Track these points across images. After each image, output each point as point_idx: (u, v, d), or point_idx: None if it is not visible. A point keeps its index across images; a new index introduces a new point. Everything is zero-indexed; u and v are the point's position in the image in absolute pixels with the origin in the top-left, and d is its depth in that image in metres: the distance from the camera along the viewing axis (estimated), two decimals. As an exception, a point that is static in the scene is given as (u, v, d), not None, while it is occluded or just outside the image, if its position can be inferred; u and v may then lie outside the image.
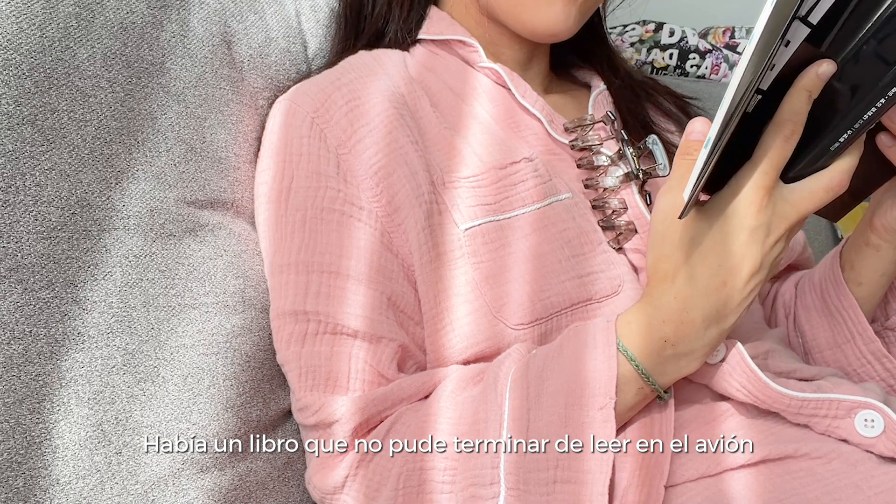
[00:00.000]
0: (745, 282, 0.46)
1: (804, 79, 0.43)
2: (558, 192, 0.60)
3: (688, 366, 0.49)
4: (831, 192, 0.45)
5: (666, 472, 0.49)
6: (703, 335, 0.48)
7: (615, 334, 0.49)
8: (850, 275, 0.61)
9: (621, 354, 0.49)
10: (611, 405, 0.47)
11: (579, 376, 0.49)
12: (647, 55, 1.23)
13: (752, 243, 0.46)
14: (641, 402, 0.50)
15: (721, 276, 0.46)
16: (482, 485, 0.49)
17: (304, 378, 0.56)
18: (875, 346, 0.59)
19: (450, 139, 0.60)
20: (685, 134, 0.48)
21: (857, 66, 0.43)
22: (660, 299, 0.49)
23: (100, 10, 0.54)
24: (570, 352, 0.50)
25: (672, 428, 0.51)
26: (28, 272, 0.49)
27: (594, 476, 0.46)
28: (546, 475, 0.47)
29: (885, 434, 0.48)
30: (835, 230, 1.19)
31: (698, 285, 0.47)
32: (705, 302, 0.47)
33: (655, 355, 0.49)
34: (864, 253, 0.60)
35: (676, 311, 0.48)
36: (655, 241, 0.49)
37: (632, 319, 0.50)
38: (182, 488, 0.53)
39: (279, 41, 0.69)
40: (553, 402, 0.48)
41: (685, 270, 0.47)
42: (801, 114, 0.44)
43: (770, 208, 0.45)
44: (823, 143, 0.45)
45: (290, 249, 0.58)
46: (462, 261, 0.56)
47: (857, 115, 0.43)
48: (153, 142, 0.57)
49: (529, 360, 0.52)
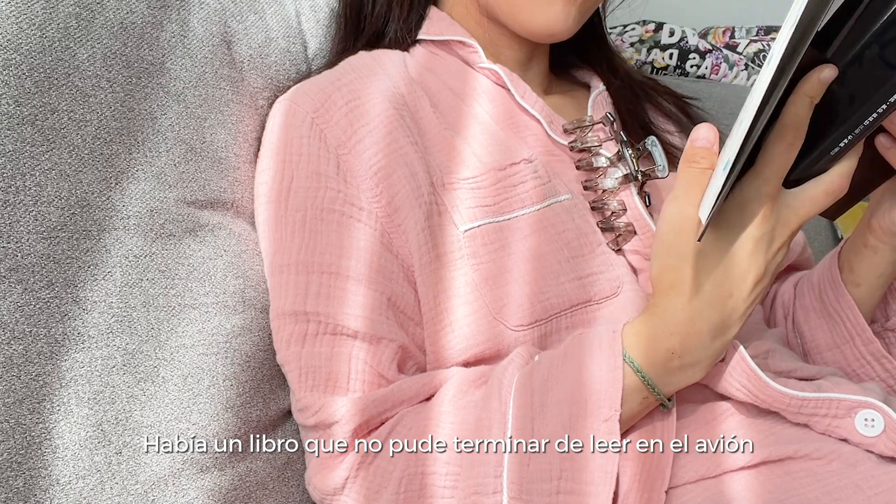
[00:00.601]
0: (750, 291, 0.47)
1: (806, 84, 0.43)
2: (558, 193, 0.60)
3: (693, 376, 0.49)
4: (832, 196, 0.45)
5: (667, 477, 0.49)
6: (710, 346, 0.48)
7: (621, 345, 0.49)
8: (849, 276, 0.61)
9: (627, 366, 0.49)
10: (616, 417, 0.47)
11: (584, 386, 0.48)
12: (647, 55, 1.23)
13: (756, 253, 0.46)
14: (644, 411, 0.51)
15: (727, 287, 0.46)
16: (484, 493, 0.48)
17: (304, 378, 0.56)
18: (874, 347, 0.59)
19: (449, 140, 0.60)
20: (690, 140, 0.47)
21: (859, 71, 0.42)
22: (666, 311, 0.48)
23: (100, 10, 0.54)
24: (575, 360, 0.50)
25: (673, 432, 0.51)
26: (28, 272, 0.49)
27: (597, 488, 0.46)
28: (549, 486, 0.47)
29: (886, 433, 0.48)
30: (835, 230, 1.19)
31: (705, 297, 0.47)
32: (712, 313, 0.47)
33: (661, 366, 0.49)
34: (863, 254, 0.60)
35: (683, 322, 0.48)
36: (661, 250, 0.49)
37: (638, 330, 0.50)
38: (182, 488, 0.53)
39: (279, 41, 0.69)
40: (557, 412, 0.48)
41: (692, 282, 0.47)
42: (803, 120, 0.44)
43: (774, 216, 0.45)
44: (824, 148, 0.44)
45: (290, 250, 0.58)
46: (462, 262, 0.56)
47: (858, 120, 0.43)
48: (153, 142, 0.57)
49: (533, 367, 0.52)
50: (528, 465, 0.48)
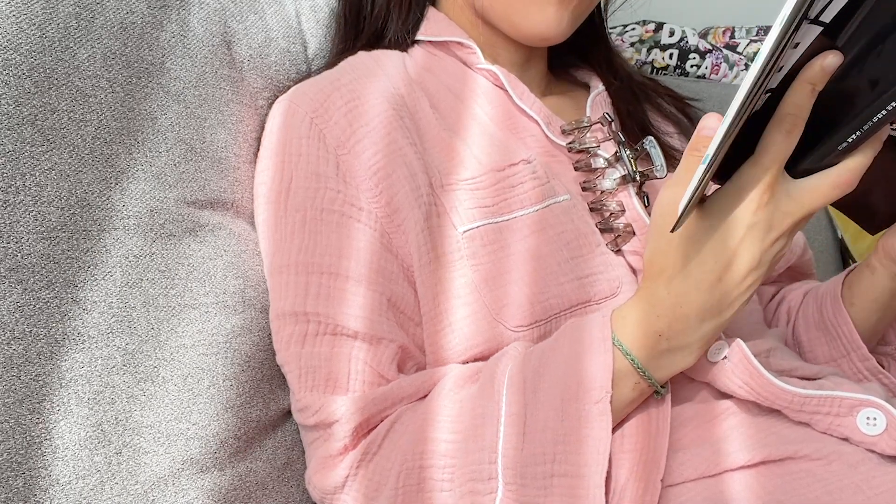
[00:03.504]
0: (742, 278, 0.46)
1: (808, 71, 0.42)
2: (556, 194, 0.60)
3: (683, 360, 0.49)
4: (838, 190, 0.44)
5: (662, 466, 0.49)
6: (698, 329, 0.48)
7: (610, 329, 0.49)
8: (847, 293, 0.61)
9: (616, 349, 0.49)
10: (607, 399, 0.47)
11: (575, 371, 0.49)
12: (647, 55, 1.23)
13: (750, 240, 0.45)
14: (639, 398, 0.50)
15: (717, 272, 0.46)
16: (480, 480, 0.49)
17: (304, 379, 0.56)
18: (870, 364, 0.59)
19: (448, 141, 0.60)
20: (697, 129, 0.47)
21: (871, 65, 0.41)
22: (654, 294, 0.48)
23: (100, 10, 0.54)
24: (566, 347, 0.50)
25: (669, 422, 0.51)
26: (28, 272, 0.49)
27: (591, 469, 0.46)
28: (543, 469, 0.47)
29: (888, 432, 0.48)
30: (835, 230, 1.19)
31: (692, 280, 0.47)
32: (698, 297, 0.47)
33: (650, 349, 0.49)
34: (863, 274, 0.60)
35: (670, 305, 0.48)
36: (653, 234, 0.49)
37: (627, 314, 0.50)
38: (182, 488, 0.53)
39: (279, 41, 0.69)
40: (550, 397, 0.49)
41: (680, 265, 0.47)
42: (803, 108, 0.43)
43: (772, 205, 0.45)
44: (832, 142, 0.44)
45: (290, 250, 0.58)
46: (461, 263, 0.56)
47: (867, 116, 0.42)
48: (153, 142, 0.57)
49: (526, 355, 0.52)
50: (521, 449, 0.48)
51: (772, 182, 0.44)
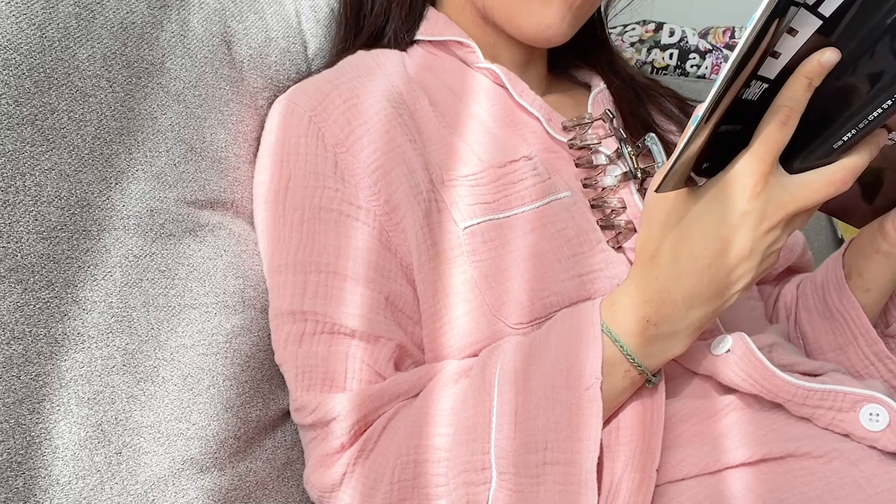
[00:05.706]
0: (733, 266, 0.46)
1: (806, 66, 0.43)
2: (557, 190, 0.60)
3: (673, 347, 0.49)
4: (832, 187, 0.44)
5: (657, 456, 0.49)
6: (686, 316, 0.48)
7: (600, 316, 0.49)
8: (858, 282, 0.61)
9: (606, 336, 0.49)
10: (597, 385, 0.47)
11: (565, 359, 0.49)
12: (647, 55, 1.23)
13: (741, 228, 0.45)
14: (631, 387, 0.50)
15: (707, 258, 0.46)
16: (474, 470, 0.49)
17: (301, 378, 0.56)
18: (878, 348, 0.59)
19: (448, 138, 0.60)
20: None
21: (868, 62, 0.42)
22: (643, 279, 0.48)
23: (100, 10, 0.54)
24: (556, 336, 0.50)
25: (663, 412, 0.51)
26: (28, 272, 0.49)
27: (583, 455, 0.46)
28: (536, 457, 0.47)
29: (890, 428, 0.48)
30: (835, 230, 1.19)
31: (680, 266, 0.47)
32: (687, 282, 0.47)
33: (638, 335, 0.48)
34: (874, 260, 0.59)
35: (658, 290, 0.47)
36: (645, 220, 0.49)
37: (616, 300, 0.50)
38: (182, 488, 0.53)
39: (279, 41, 0.69)
40: (540, 385, 0.49)
41: (670, 251, 0.47)
42: (798, 101, 0.43)
43: (765, 195, 0.45)
44: (827, 139, 0.44)
45: (289, 249, 0.58)
46: (461, 259, 0.56)
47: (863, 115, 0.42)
48: (153, 142, 0.57)
49: (517, 345, 0.52)
50: (514, 439, 0.48)
51: (766, 172, 0.44)
